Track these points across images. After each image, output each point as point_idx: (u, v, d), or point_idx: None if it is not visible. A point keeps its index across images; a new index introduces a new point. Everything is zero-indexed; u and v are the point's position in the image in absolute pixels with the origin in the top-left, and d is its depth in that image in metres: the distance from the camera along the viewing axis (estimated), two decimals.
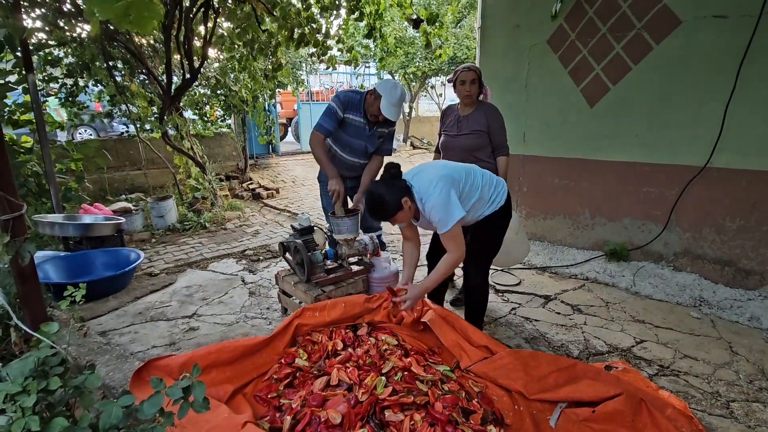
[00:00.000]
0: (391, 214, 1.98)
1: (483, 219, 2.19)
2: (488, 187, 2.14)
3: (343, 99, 2.65)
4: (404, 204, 1.95)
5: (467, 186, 2.06)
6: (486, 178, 2.17)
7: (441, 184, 1.94)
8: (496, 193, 2.17)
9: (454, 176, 2.02)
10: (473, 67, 2.65)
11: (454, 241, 1.98)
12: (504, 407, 1.85)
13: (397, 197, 1.95)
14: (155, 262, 3.90)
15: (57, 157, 4.86)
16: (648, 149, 3.27)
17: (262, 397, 1.86)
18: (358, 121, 2.67)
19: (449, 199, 1.92)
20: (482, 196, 2.11)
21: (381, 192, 1.97)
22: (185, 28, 4.23)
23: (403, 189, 1.98)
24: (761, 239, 2.88)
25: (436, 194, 1.93)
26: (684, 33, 2.98)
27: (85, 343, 2.21)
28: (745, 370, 2.21)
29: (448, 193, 1.93)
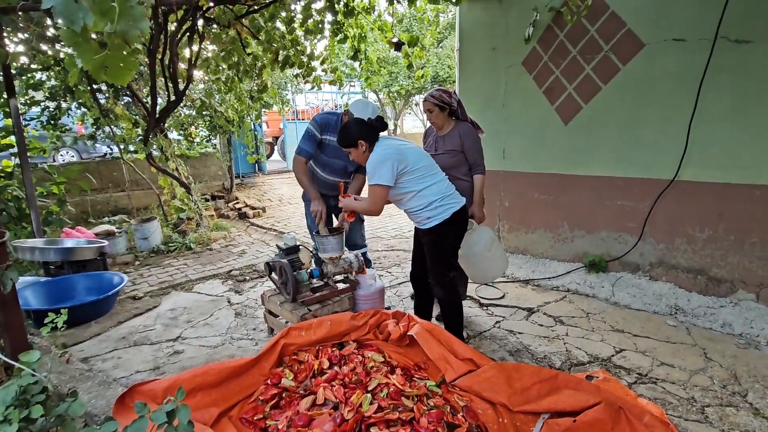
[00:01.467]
0: (347, 145, 2.31)
1: (427, 230, 2.32)
2: (437, 192, 2.27)
3: (320, 121, 2.76)
4: (359, 145, 2.26)
5: (414, 175, 2.24)
6: (442, 187, 2.30)
7: (390, 150, 2.23)
8: (441, 204, 2.27)
9: (408, 158, 2.23)
10: (429, 97, 2.73)
11: (371, 197, 2.26)
12: (488, 420, 1.88)
13: (358, 136, 2.26)
14: (139, 285, 3.85)
15: (38, 180, 4.81)
16: (621, 164, 3.42)
17: (248, 419, 1.86)
18: (335, 141, 2.75)
19: (385, 162, 2.18)
20: (422, 194, 2.26)
21: (353, 125, 2.29)
22: (170, 52, 4.29)
23: (367, 135, 2.27)
24: (729, 248, 3.02)
25: (379, 152, 2.24)
26: (647, 55, 3.16)
27: (67, 370, 2.18)
28: (718, 375, 2.29)
29: (387, 160, 2.18)
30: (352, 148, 2.31)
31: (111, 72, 0.82)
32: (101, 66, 0.80)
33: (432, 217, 2.27)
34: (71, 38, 0.76)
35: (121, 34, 0.76)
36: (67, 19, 0.74)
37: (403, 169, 2.22)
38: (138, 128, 5.31)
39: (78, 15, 0.73)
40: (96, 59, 0.79)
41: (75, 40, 0.76)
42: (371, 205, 2.29)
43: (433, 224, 2.27)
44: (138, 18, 0.77)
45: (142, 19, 0.78)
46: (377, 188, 2.22)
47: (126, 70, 0.83)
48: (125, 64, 0.83)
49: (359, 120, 2.34)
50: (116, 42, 0.77)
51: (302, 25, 4.35)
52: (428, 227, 2.30)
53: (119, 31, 0.75)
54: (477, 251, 2.62)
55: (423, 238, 2.41)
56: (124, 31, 0.75)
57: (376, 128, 2.33)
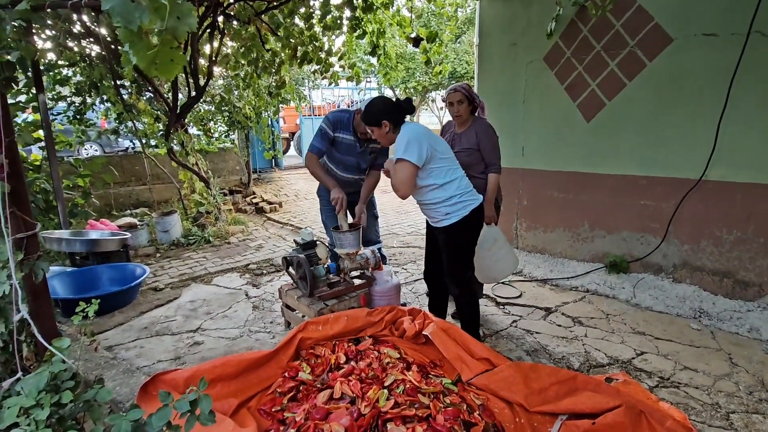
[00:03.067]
0: (370, 123, 2.24)
1: (442, 229, 2.27)
2: (457, 188, 2.22)
3: (333, 119, 2.77)
4: (383, 125, 2.19)
5: (439, 165, 2.18)
6: (463, 183, 2.25)
7: (421, 131, 2.15)
8: (461, 200, 2.21)
9: (438, 146, 2.17)
10: (460, 87, 2.71)
11: (397, 171, 2.14)
12: (505, 420, 1.87)
13: (383, 115, 2.19)
14: (160, 277, 3.95)
15: (64, 173, 4.96)
16: (644, 163, 3.33)
17: (267, 411, 1.89)
18: (348, 139, 2.77)
19: (413, 142, 2.09)
20: (444, 187, 2.20)
21: (378, 103, 2.23)
22: (191, 48, 4.35)
23: (392, 115, 2.20)
24: (758, 251, 2.91)
25: (411, 129, 2.16)
26: (676, 51, 3.06)
27: (93, 358, 2.25)
28: (744, 381, 2.23)
29: (416, 140, 2.10)
30: (374, 127, 2.22)
31: (161, 67, 0.85)
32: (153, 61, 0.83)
33: (450, 214, 2.22)
34: (128, 37, 0.79)
35: (171, 30, 0.78)
36: (125, 19, 0.77)
37: (433, 155, 2.14)
38: (159, 123, 5.41)
39: (135, 14, 0.76)
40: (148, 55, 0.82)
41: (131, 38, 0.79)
42: (398, 182, 2.15)
43: (452, 221, 2.23)
44: (186, 14, 0.79)
45: (190, 15, 0.80)
46: (405, 164, 2.10)
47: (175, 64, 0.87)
48: (175, 59, 0.85)
49: (385, 98, 2.26)
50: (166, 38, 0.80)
51: (321, 21, 4.36)
52: (446, 224, 2.26)
53: (169, 28, 0.78)
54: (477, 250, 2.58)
55: (439, 235, 2.37)
56: (173, 27, 0.78)
57: (403, 109, 2.23)
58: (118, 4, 0.80)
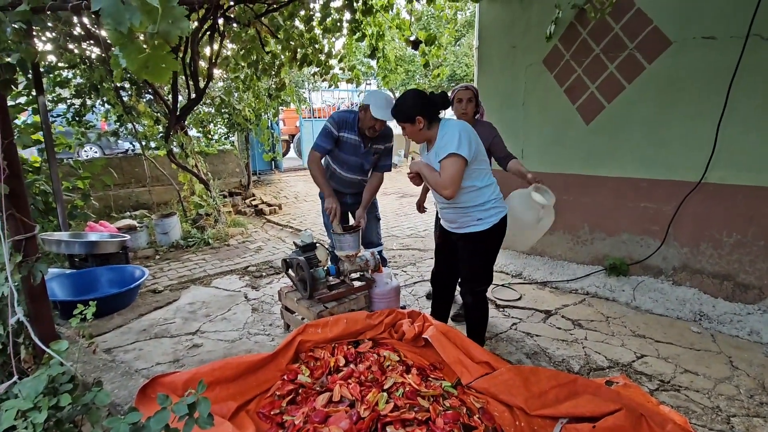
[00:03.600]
0: (401, 119, 2.10)
1: (469, 235, 2.19)
2: (491, 193, 2.15)
3: (337, 119, 2.77)
4: (417, 121, 2.05)
5: (480, 166, 2.09)
6: (495, 189, 2.19)
7: (468, 127, 2.04)
8: (494, 206, 2.16)
9: (480, 147, 2.08)
10: (471, 86, 2.75)
11: (446, 168, 1.98)
12: (505, 423, 1.86)
13: (416, 111, 2.04)
14: (159, 279, 3.94)
15: (63, 174, 4.95)
16: (644, 165, 3.33)
17: (265, 414, 1.88)
18: (353, 139, 2.77)
19: (464, 136, 1.98)
20: (481, 191, 2.12)
21: (410, 96, 2.08)
22: (191, 50, 4.36)
23: (427, 110, 2.06)
24: (758, 254, 2.91)
25: (458, 126, 2.02)
26: (675, 53, 3.07)
27: (91, 361, 2.24)
28: (745, 384, 2.22)
29: (466, 135, 1.99)
30: (407, 123, 2.07)
31: (152, 71, 0.84)
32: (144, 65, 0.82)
33: (483, 219, 2.13)
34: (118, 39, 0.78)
35: (163, 34, 0.77)
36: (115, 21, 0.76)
37: (477, 155, 2.04)
38: (159, 125, 5.42)
39: (125, 16, 0.75)
40: (140, 59, 0.81)
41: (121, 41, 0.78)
42: (447, 180, 1.97)
43: (482, 228, 2.14)
44: (179, 18, 0.78)
45: (183, 19, 0.79)
46: (456, 159, 1.95)
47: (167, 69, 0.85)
48: (167, 63, 0.84)
49: (419, 92, 2.10)
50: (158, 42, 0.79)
51: (321, 23, 4.38)
52: (474, 231, 2.15)
53: (161, 32, 0.77)
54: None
55: (463, 242, 2.25)
56: (166, 31, 0.77)
57: (437, 104, 2.08)
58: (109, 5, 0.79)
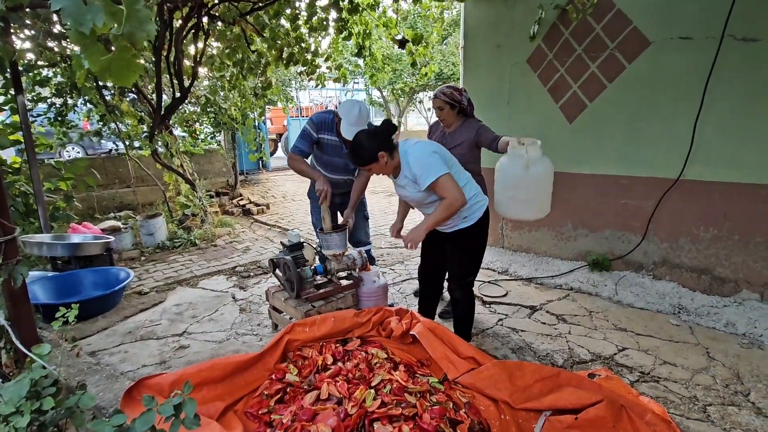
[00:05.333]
0: (364, 162, 2.08)
1: (458, 232, 2.23)
2: (470, 189, 2.18)
3: (316, 121, 2.73)
4: (380, 157, 2.05)
5: (454, 169, 2.11)
6: (473, 184, 2.22)
7: (427, 144, 2.07)
8: (476, 201, 2.20)
9: (445, 153, 2.11)
10: (440, 93, 2.66)
11: (444, 188, 2.00)
12: (490, 417, 1.90)
13: (375, 148, 2.04)
14: (145, 281, 3.89)
15: (45, 175, 4.85)
16: (625, 163, 3.41)
17: (253, 414, 1.89)
18: (333, 140, 2.74)
19: (431, 154, 2.02)
20: (461, 190, 2.11)
21: (364, 140, 2.08)
22: (176, 49, 4.31)
23: (383, 143, 2.06)
24: (733, 248, 3.01)
25: (419, 149, 2.05)
26: (653, 53, 3.14)
27: (75, 364, 2.22)
28: (721, 374, 2.30)
29: (431, 152, 2.03)
30: (372, 164, 2.07)
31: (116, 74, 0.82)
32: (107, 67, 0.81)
33: (468, 216, 2.18)
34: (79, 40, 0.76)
35: (128, 36, 0.76)
36: (76, 21, 0.74)
37: (446, 160, 2.07)
38: (143, 125, 5.34)
39: (86, 17, 0.73)
40: (103, 61, 0.80)
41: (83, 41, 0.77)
42: (454, 196, 1.98)
43: (468, 224, 2.18)
44: (144, 20, 0.77)
45: (149, 22, 0.78)
46: (443, 178, 1.98)
47: (131, 72, 0.84)
48: (131, 66, 0.83)
49: (367, 132, 2.13)
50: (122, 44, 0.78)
51: (307, 22, 4.36)
52: (461, 228, 2.19)
53: (126, 34, 0.76)
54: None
55: (451, 241, 2.28)
56: (130, 33, 0.76)
57: (387, 133, 2.10)
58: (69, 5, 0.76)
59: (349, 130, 2.52)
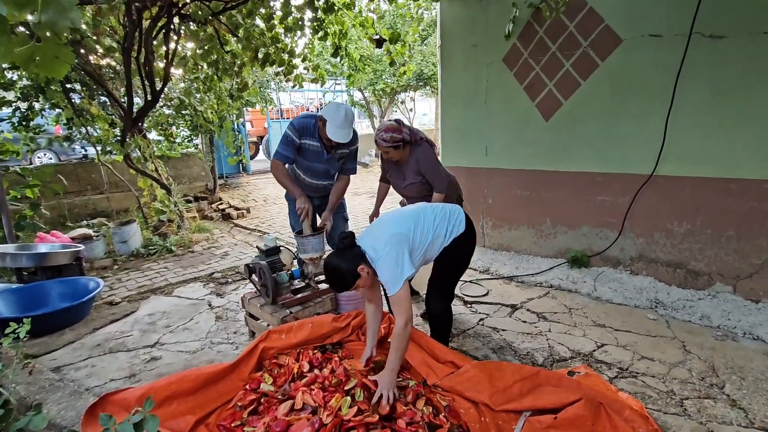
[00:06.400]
0: (350, 284, 1.93)
1: (449, 245, 2.16)
2: (443, 223, 2.12)
3: (298, 126, 2.66)
4: (361, 272, 1.92)
5: (417, 235, 2.02)
6: (438, 214, 2.15)
7: (389, 244, 1.92)
8: (452, 225, 2.14)
9: (402, 231, 1.97)
10: (382, 142, 2.67)
11: (399, 304, 1.90)
12: (470, 420, 1.87)
13: (353, 266, 1.91)
14: (117, 290, 3.75)
15: (11, 183, 4.65)
16: (600, 160, 3.44)
17: (226, 427, 1.81)
18: (315, 146, 2.67)
19: (398, 259, 1.89)
20: (438, 234, 2.09)
21: (337, 264, 1.93)
22: (145, 50, 4.18)
23: (357, 257, 1.94)
24: (706, 241, 3.06)
25: (383, 256, 1.91)
26: (625, 51, 3.18)
27: (36, 381, 2.10)
28: (697, 367, 2.32)
29: (397, 254, 1.89)
30: (357, 281, 1.94)
31: (43, 64, 0.75)
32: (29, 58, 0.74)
33: (449, 237, 2.14)
34: None
35: (49, 25, 0.70)
36: None
37: (410, 242, 1.98)
38: (115, 128, 5.17)
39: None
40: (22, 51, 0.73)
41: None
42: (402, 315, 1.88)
43: (457, 234, 2.14)
44: (67, 7, 0.70)
45: (72, 9, 0.72)
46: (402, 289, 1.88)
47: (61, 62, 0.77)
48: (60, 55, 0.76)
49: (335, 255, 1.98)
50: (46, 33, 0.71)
51: (282, 21, 4.29)
52: (450, 243, 2.14)
53: (46, 22, 0.69)
54: None
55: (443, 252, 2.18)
56: (51, 21, 0.69)
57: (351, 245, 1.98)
58: None
59: (336, 132, 2.49)
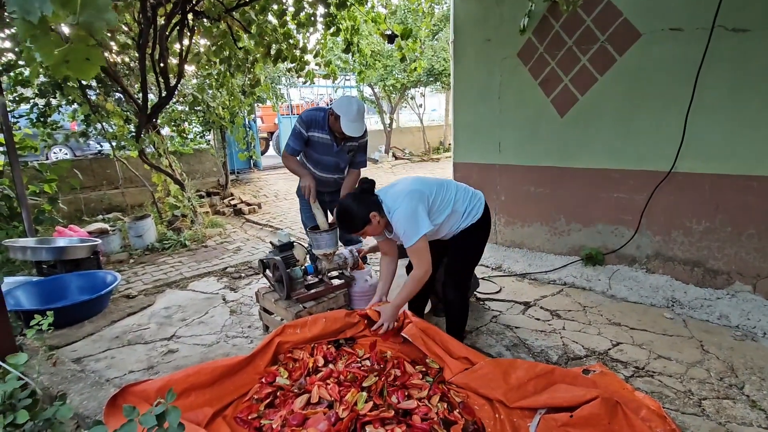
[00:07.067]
0: (359, 228, 2.01)
1: (459, 232, 2.21)
2: (463, 201, 2.17)
3: (306, 119, 2.69)
4: (372, 218, 1.99)
5: (438, 200, 2.08)
6: (461, 191, 2.21)
7: (408, 198, 1.98)
8: (472, 206, 2.19)
9: (424, 191, 2.05)
10: None
11: (418, 256, 1.98)
12: (485, 416, 1.87)
13: (366, 211, 1.98)
14: (133, 284, 3.82)
15: (29, 178, 4.74)
16: (617, 156, 3.39)
17: (243, 419, 1.84)
18: (324, 138, 2.69)
19: (416, 212, 1.95)
20: (456, 210, 2.13)
21: (349, 205, 2.01)
22: (160, 47, 4.22)
23: (372, 204, 2.01)
24: (726, 240, 3.00)
25: (402, 208, 1.97)
26: (644, 45, 3.12)
27: (58, 372, 2.15)
28: (715, 367, 2.29)
29: (415, 208, 1.96)
30: (367, 227, 2.02)
31: (74, 66, 0.76)
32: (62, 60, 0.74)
33: (467, 221, 2.18)
34: (27, 30, 0.70)
35: (85, 26, 0.70)
36: (22, 9, 0.67)
37: (429, 202, 2.04)
38: (130, 125, 5.24)
39: (34, 5, 0.67)
40: (57, 53, 0.74)
41: (32, 32, 0.70)
42: (420, 266, 1.98)
43: (473, 221, 2.17)
44: (103, 8, 0.71)
45: (108, 10, 0.72)
46: (420, 241, 1.95)
47: (92, 64, 0.78)
48: (91, 57, 0.77)
49: (352, 197, 2.06)
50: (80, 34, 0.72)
51: (294, 17, 4.29)
52: (465, 227, 2.18)
53: (83, 23, 0.70)
54: None
55: (456, 238, 2.25)
56: (88, 22, 0.70)
57: (368, 191, 2.07)
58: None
59: (350, 126, 2.51)
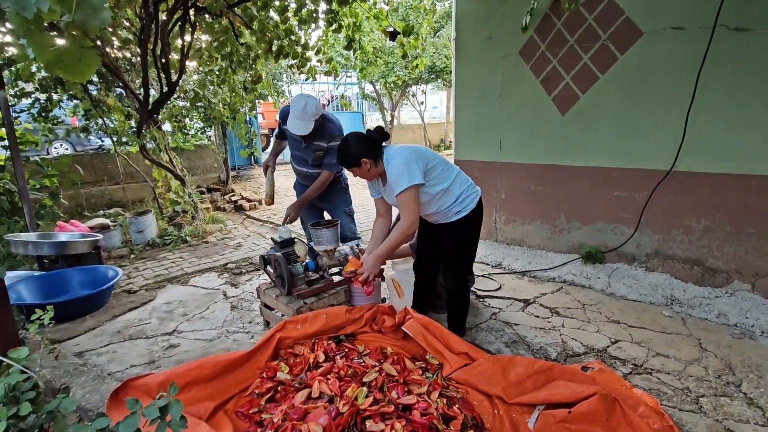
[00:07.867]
0: (348, 165, 2.12)
1: (450, 224, 2.24)
2: (460, 185, 2.21)
3: (282, 112, 2.83)
4: (363, 163, 2.07)
5: (437, 170, 2.13)
6: (462, 176, 2.25)
7: (408, 151, 2.08)
8: (467, 194, 2.22)
9: (427, 154, 2.13)
10: None
11: (406, 205, 2.04)
12: (484, 412, 1.89)
13: (360, 153, 2.06)
14: (134, 279, 3.83)
15: (31, 173, 4.75)
16: (617, 155, 3.40)
17: (244, 413, 1.86)
18: (293, 133, 2.77)
19: (411, 163, 2.02)
20: (451, 189, 2.16)
21: (350, 143, 2.10)
22: (161, 42, 4.21)
23: (369, 150, 2.08)
24: (725, 239, 3.01)
25: (400, 156, 2.05)
26: (646, 44, 3.12)
27: (61, 366, 2.17)
28: (713, 365, 2.30)
29: (412, 160, 2.03)
30: (354, 168, 2.10)
31: (67, 67, 0.74)
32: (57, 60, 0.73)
33: (461, 210, 2.21)
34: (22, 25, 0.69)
35: (80, 24, 0.69)
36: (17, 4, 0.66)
37: (427, 165, 2.09)
38: (131, 120, 5.24)
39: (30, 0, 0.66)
40: (51, 52, 0.72)
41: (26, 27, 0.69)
42: (407, 217, 2.03)
43: (461, 215, 2.20)
44: (98, 7, 0.70)
45: (103, 9, 0.71)
46: (410, 190, 2.00)
47: (85, 65, 0.77)
48: (84, 59, 0.75)
49: (358, 135, 2.13)
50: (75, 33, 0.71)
51: (296, 14, 4.28)
52: (455, 219, 2.22)
53: (78, 21, 0.69)
54: None
55: (445, 230, 2.30)
56: (83, 21, 0.69)
57: (377, 141, 2.12)
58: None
59: (292, 123, 2.61)
